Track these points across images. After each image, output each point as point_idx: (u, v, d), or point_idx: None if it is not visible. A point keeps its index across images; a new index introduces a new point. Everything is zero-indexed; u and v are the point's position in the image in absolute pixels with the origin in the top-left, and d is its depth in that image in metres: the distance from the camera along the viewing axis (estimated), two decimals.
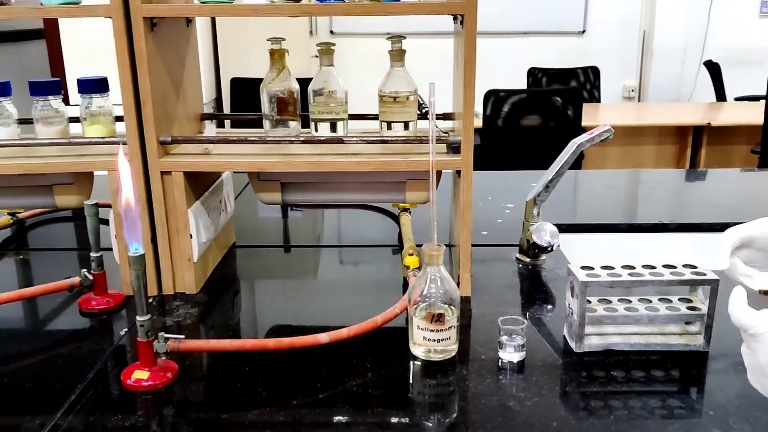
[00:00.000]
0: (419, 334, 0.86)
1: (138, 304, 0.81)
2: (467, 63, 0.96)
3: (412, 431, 0.75)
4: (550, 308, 1.04)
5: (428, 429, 0.75)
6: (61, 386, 0.83)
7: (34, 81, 1.13)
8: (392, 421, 0.76)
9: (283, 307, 1.11)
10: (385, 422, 0.76)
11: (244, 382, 0.83)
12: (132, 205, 0.78)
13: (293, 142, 1.06)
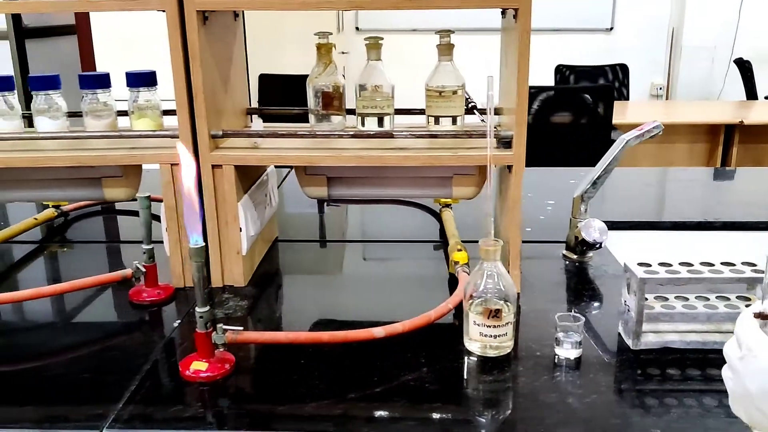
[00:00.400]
0: (475, 330, 0.86)
1: (197, 295, 0.81)
2: (521, 58, 0.95)
3: (471, 427, 0.75)
4: (600, 305, 1.03)
5: (488, 425, 0.75)
6: (119, 377, 0.83)
7: (84, 75, 1.13)
8: (451, 416, 0.76)
9: (327, 302, 1.11)
10: (444, 418, 0.76)
11: (300, 374, 0.83)
12: (193, 197, 0.78)
13: (342, 136, 1.06)
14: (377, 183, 1.13)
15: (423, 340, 0.91)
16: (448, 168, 1.08)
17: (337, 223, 1.58)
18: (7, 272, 1.21)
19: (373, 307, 1.08)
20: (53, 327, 0.98)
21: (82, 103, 1.14)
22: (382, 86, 1.14)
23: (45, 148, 1.09)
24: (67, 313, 1.02)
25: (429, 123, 1.13)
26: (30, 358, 0.89)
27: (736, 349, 0.58)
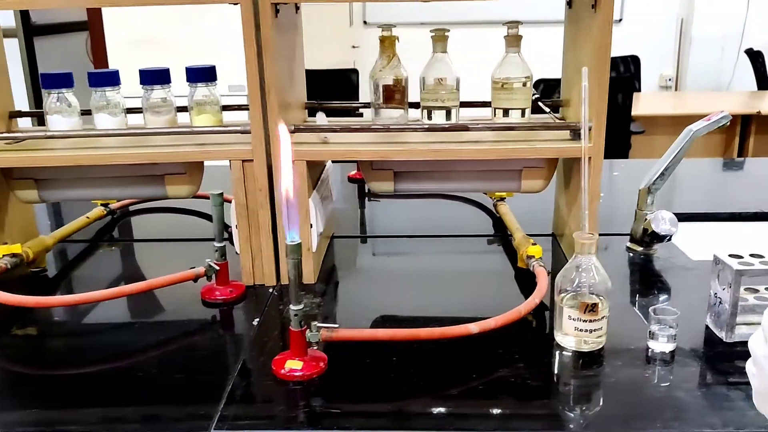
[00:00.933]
0: (570, 325, 0.85)
1: (292, 293, 0.80)
2: (602, 48, 0.94)
3: (584, 423, 0.74)
4: (674, 297, 1.03)
5: (600, 421, 0.74)
6: (212, 377, 0.82)
7: (145, 70, 1.12)
8: (558, 412, 0.75)
9: (392, 298, 1.08)
10: (553, 414, 0.75)
11: (396, 372, 0.82)
12: (291, 193, 0.77)
13: (417, 129, 1.04)
14: (445, 177, 1.12)
15: (511, 335, 0.90)
16: (519, 161, 1.07)
17: (379, 218, 1.57)
18: (65, 272, 1.20)
19: (436, 303, 1.05)
20: (132, 327, 0.96)
21: (142, 100, 1.13)
22: (446, 79, 1.12)
23: (105, 145, 1.07)
24: (141, 312, 1.00)
25: (495, 115, 1.12)
26: (117, 357, 0.87)
27: (762, 345, 0.56)
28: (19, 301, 0.92)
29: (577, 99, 1.07)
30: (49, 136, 1.03)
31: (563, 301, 0.86)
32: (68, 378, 0.83)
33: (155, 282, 0.96)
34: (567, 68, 1.14)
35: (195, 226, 1.44)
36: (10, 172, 1.09)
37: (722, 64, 4.82)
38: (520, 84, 1.09)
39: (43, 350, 0.90)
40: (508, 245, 1.28)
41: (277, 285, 1.07)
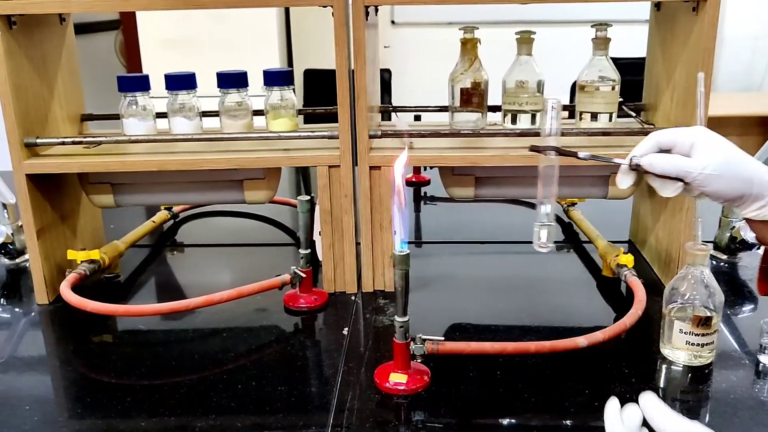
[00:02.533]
0: (681, 339, 0.82)
1: (399, 304, 0.78)
2: (707, 52, 0.91)
3: None
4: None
5: None
6: (315, 389, 0.80)
7: (222, 73, 1.10)
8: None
9: (462, 306, 1.05)
10: None
11: (504, 386, 0.79)
12: (403, 201, 0.75)
13: (508, 135, 1.02)
14: (527, 183, 1.09)
15: (614, 349, 0.87)
16: (606, 167, 1.04)
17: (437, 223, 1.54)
18: (136, 277, 1.18)
19: (512, 312, 1.02)
20: (220, 335, 0.94)
21: (219, 103, 1.11)
22: (527, 82, 1.10)
23: (182, 149, 1.05)
24: (225, 320, 0.98)
25: (581, 119, 1.10)
26: (211, 367, 0.85)
27: None
28: (110, 310, 0.90)
29: (668, 103, 1.05)
30: (133, 140, 1.02)
31: (672, 313, 0.83)
32: (163, 387, 0.81)
33: (245, 290, 0.94)
34: (653, 72, 1.11)
35: (254, 230, 1.42)
36: (86, 176, 1.07)
37: (754, 65, 4.76)
38: (608, 88, 1.07)
39: (131, 359, 0.88)
40: (581, 252, 1.25)
41: (359, 293, 1.05)
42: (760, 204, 0.63)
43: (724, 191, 0.62)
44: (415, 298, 1.07)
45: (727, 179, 0.62)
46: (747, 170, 0.62)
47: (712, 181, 0.62)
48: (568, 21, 4.09)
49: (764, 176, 0.63)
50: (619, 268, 1.02)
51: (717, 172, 0.61)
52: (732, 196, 0.63)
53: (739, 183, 0.62)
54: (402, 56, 4.52)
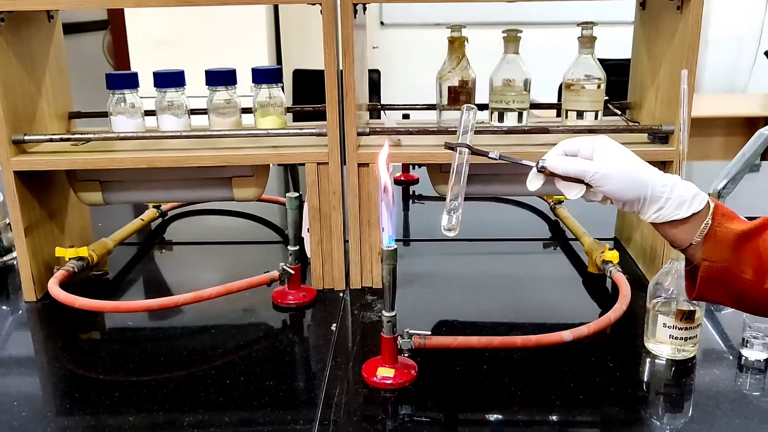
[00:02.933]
0: (664, 332, 0.83)
1: (386, 300, 0.79)
2: (690, 50, 0.92)
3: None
4: None
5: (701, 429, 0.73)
6: (302, 384, 0.81)
7: (211, 70, 1.10)
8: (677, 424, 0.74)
9: (450, 303, 1.06)
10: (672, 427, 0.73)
11: (491, 380, 0.80)
12: (391, 198, 0.75)
13: (496, 132, 1.02)
14: (515, 180, 1.10)
15: (599, 343, 0.88)
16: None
17: (426, 221, 1.54)
18: (125, 274, 1.18)
19: (499, 308, 1.03)
20: (209, 331, 0.94)
21: (207, 101, 1.11)
22: (514, 80, 1.11)
23: (170, 146, 1.06)
24: (214, 316, 0.98)
25: (567, 117, 1.11)
26: (200, 362, 0.86)
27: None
28: (99, 306, 0.90)
29: (652, 101, 1.06)
30: (122, 137, 1.02)
31: (656, 307, 0.84)
32: (151, 383, 0.81)
33: (233, 286, 0.94)
34: (638, 70, 1.12)
35: (242, 228, 1.42)
36: (74, 173, 1.07)
37: (739, 66, 4.81)
38: (594, 86, 1.08)
39: (119, 355, 0.89)
40: (567, 249, 1.26)
41: (347, 289, 1.06)
42: (658, 206, 0.66)
43: (621, 191, 0.66)
44: (403, 295, 1.08)
45: (620, 179, 0.66)
46: (639, 171, 0.66)
47: (607, 181, 0.66)
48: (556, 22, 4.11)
49: (658, 179, 0.66)
50: (604, 265, 1.04)
51: (611, 172, 0.65)
52: (629, 197, 0.66)
53: (633, 184, 0.66)
54: (391, 57, 4.53)
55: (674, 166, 0.98)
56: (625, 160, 0.67)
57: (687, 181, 0.68)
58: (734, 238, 0.65)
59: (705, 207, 0.66)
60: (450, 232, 0.72)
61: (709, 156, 3.63)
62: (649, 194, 0.66)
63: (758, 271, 0.64)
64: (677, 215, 0.66)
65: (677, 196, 0.66)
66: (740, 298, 0.67)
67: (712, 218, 0.66)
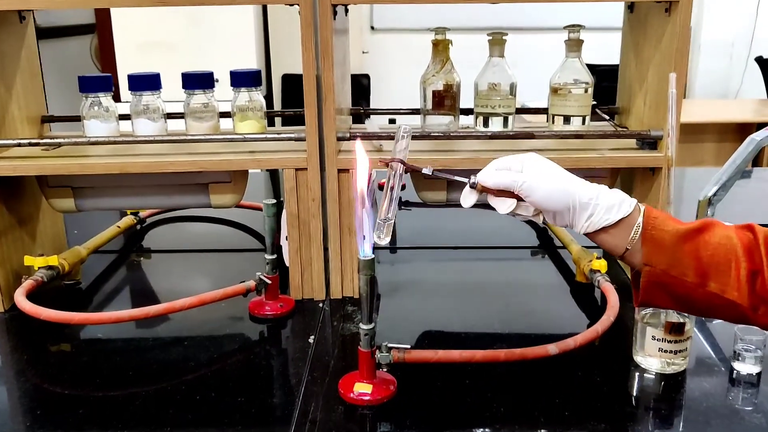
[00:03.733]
0: (653, 345, 0.80)
1: (364, 312, 0.75)
2: (679, 53, 0.90)
3: None
4: None
5: None
6: (277, 400, 0.77)
7: (188, 73, 1.07)
8: None
9: (435, 313, 1.02)
10: None
11: (472, 396, 0.77)
12: (368, 205, 0.72)
13: (479, 137, 1.00)
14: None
15: (586, 356, 0.85)
16: (580, 171, 1.02)
17: (412, 228, 1.51)
18: (99, 284, 1.14)
19: (486, 319, 1.00)
20: (182, 344, 0.91)
21: (184, 105, 1.08)
22: (499, 84, 1.08)
23: (145, 151, 1.02)
24: (188, 328, 0.95)
25: (554, 122, 1.08)
26: (171, 377, 0.82)
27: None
28: (65, 318, 0.86)
29: (640, 106, 1.03)
30: (93, 142, 0.98)
31: (645, 319, 0.81)
32: (118, 399, 0.78)
33: (207, 297, 0.91)
34: (626, 74, 1.10)
35: (223, 236, 1.39)
36: (46, 179, 1.04)
37: (730, 71, 4.81)
38: (581, 90, 1.05)
39: (87, 369, 0.85)
40: (556, 257, 1.23)
41: (327, 300, 1.02)
42: (588, 213, 0.67)
43: (549, 200, 0.67)
44: (387, 305, 1.05)
45: (547, 188, 0.67)
46: (566, 180, 0.68)
47: (535, 189, 0.67)
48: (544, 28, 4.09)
49: (584, 186, 0.67)
50: (592, 274, 1.01)
51: (538, 181, 0.67)
52: (558, 206, 0.67)
53: (560, 192, 0.67)
54: (381, 62, 4.51)
55: (663, 172, 0.95)
56: (552, 171, 0.68)
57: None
58: (671, 241, 0.65)
59: (635, 211, 0.67)
60: (381, 241, 0.70)
61: (701, 162, 3.61)
62: (577, 202, 0.67)
63: (699, 273, 0.64)
64: (608, 220, 0.66)
65: (605, 202, 0.66)
66: (685, 302, 0.66)
67: (645, 221, 0.66)
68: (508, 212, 0.70)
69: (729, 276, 0.63)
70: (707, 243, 0.64)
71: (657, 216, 0.66)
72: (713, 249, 0.64)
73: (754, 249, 0.64)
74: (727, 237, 0.65)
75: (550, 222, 0.70)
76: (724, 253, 0.64)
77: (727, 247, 0.64)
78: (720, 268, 0.63)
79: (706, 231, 0.65)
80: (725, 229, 0.66)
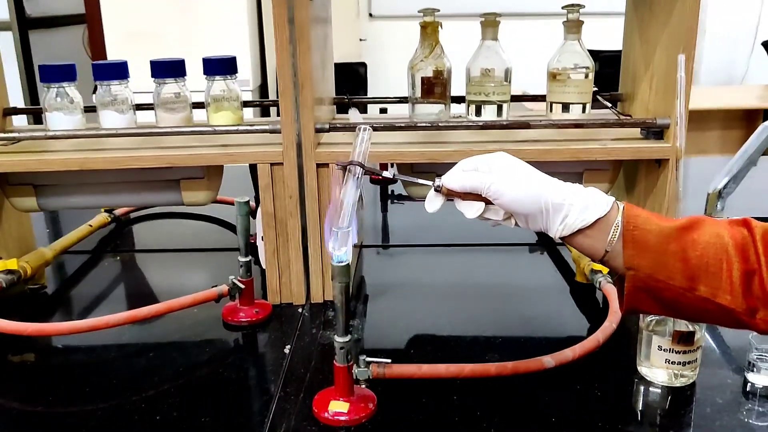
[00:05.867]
0: (660, 357, 0.73)
1: (339, 322, 0.68)
2: (689, 34, 0.82)
3: None
4: None
5: None
6: (245, 419, 0.70)
7: (156, 61, 0.99)
8: None
9: (427, 315, 0.95)
10: None
11: (460, 414, 0.70)
12: (347, 206, 0.65)
13: (470, 127, 0.92)
14: None
15: (586, 367, 0.78)
16: (580, 163, 0.95)
17: (404, 224, 1.44)
18: (66, 288, 1.07)
19: (480, 321, 0.92)
20: (146, 355, 0.84)
21: (153, 95, 1.00)
22: (493, 70, 1.00)
23: (112, 146, 0.95)
24: (155, 336, 0.88)
25: (552, 111, 1.00)
26: (130, 393, 0.75)
27: None
28: (16, 328, 0.79)
29: (646, 92, 0.95)
30: (51, 136, 0.91)
31: (650, 326, 0.74)
32: (72, 416, 0.71)
33: (174, 304, 0.83)
34: (630, 58, 1.02)
35: (207, 234, 1.32)
36: (5, 177, 0.97)
37: (736, 57, 4.71)
38: (581, 75, 0.97)
39: (43, 382, 0.78)
40: (555, 254, 1.16)
41: (307, 304, 0.95)
42: (562, 215, 0.61)
43: (519, 202, 0.62)
44: (374, 307, 0.98)
45: (517, 189, 0.61)
46: (537, 180, 0.62)
47: (504, 191, 0.62)
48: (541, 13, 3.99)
49: (557, 186, 0.62)
50: (593, 274, 0.93)
51: (507, 182, 0.62)
52: (529, 209, 0.62)
53: (531, 193, 0.61)
54: (378, 50, 4.42)
55: (670, 164, 0.87)
56: (522, 172, 0.63)
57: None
58: (655, 241, 0.58)
59: (614, 209, 0.61)
60: (337, 253, 0.64)
61: (705, 151, 3.52)
62: (549, 203, 0.60)
63: (687, 276, 0.57)
64: (584, 221, 0.60)
65: (580, 202, 0.61)
66: (674, 308, 0.59)
67: (625, 220, 0.59)
68: (476, 216, 0.64)
69: (720, 278, 0.56)
70: (695, 242, 0.57)
71: (638, 214, 0.59)
72: (702, 249, 0.57)
73: (747, 247, 0.57)
74: (717, 235, 0.58)
75: (523, 226, 0.63)
76: (714, 253, 0.57)
77: (717, 247, 0.57)
78: (710, 269, 0.57)
79: (694, 229, 0.58)
80: (716, 226, 0.58)
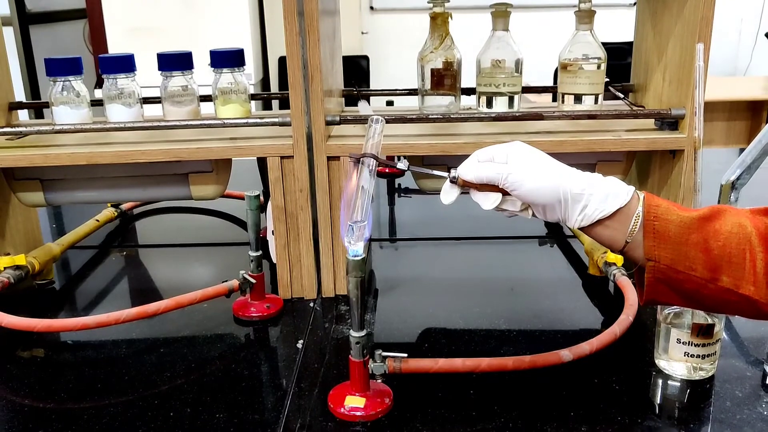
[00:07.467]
0: (678, 349, 0.72)
1: (354, 317, 0.67)
2: (704, 21, 0.81)
3: None
4: None
5: None
6: (259, 415, 0.69)
7: (163, 54, 0.98)
8: None
9: (438, 309, 0.95)
10: None
11: (477, 408, 0.69)
12: (363, 199, 0.64)
13: (483, 119, 0.91)
14: None
15: (603, 360, 0.77)
16: (593, 154, 0.94)
17: (412, 217, 1.43)
18: (74, 283, 1.06)
19: (492, 315, 0.91)
20: (157, 351, 0.83)
21: (161, 88, 0.99)
22: (504, 61, 0.99)
23: (119, 140, 0.94)
24: (166, 332, 0.87)
25: (563, 102, 0.99)
26: (142, 390, 0.74)
27: None
28: (26, 325, 0.78)
29: (659, 82, 0.94)
30: (58, 130, 0.90)
31: (668, 319, 0.73)
32: (85, 413, 0.70)
33: (184, 299, 0.83)
34: (643, 48, 1.01)
35: (215, 228, 1.31)
36: (12, 172, 0.96)
37: (739, 49, 4.69)
38: (593, 66, 0.96)
39: (54, 379, 0.77)
40: (566, 247, 1.15)
41: (318, 299, 0.94)
42: (581, 205, 0.60)
43: (537, 192, 0.60)
44: (385, 301, 0.97)
45: (535, 179, 0.60)
46: (556, 170, 0.61)
47: (522, 182, 0.60)
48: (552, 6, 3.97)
49: (576, 176, 0.61)
50: (607, 267, 0.92)
51: (525, 172, 0.60)
52: (548, 199, 0.60)
53: (550, 183, 0.60)
54: (380, 43, 4.40)
55: (686, 155, 0.86)
56: (540, 161, 0.62)
57: None
58: (676, 232, 0.57)
59: (634, 199, 0.59)
60: (353, 248, 0.63)
61: (710, 142, 3.51)
62: (569, 193, 0.59)
63: (709, 267, 0.56)
64: (603, 211, 0.59)
65: (599, 191, 0.59)
66: (694, 299, 0.58)
67: (645, 210, 0.58)
68: (493, 208, 0.62)
69: (743, 269, 0.56)
70: (717, 232, 0.56)
71: (659, 204, 0.58)
72: (724, 239, 0.56)
73: None
74: (739, 225, 0.57)
75: (540, 217, 0.62)
76: (736, 243, 0.56)
77: (740, 236, 0.56)
78: (733, 260, 0.56)
79: (716, 219, 0.57)
80: (738, 215, 0.57)
